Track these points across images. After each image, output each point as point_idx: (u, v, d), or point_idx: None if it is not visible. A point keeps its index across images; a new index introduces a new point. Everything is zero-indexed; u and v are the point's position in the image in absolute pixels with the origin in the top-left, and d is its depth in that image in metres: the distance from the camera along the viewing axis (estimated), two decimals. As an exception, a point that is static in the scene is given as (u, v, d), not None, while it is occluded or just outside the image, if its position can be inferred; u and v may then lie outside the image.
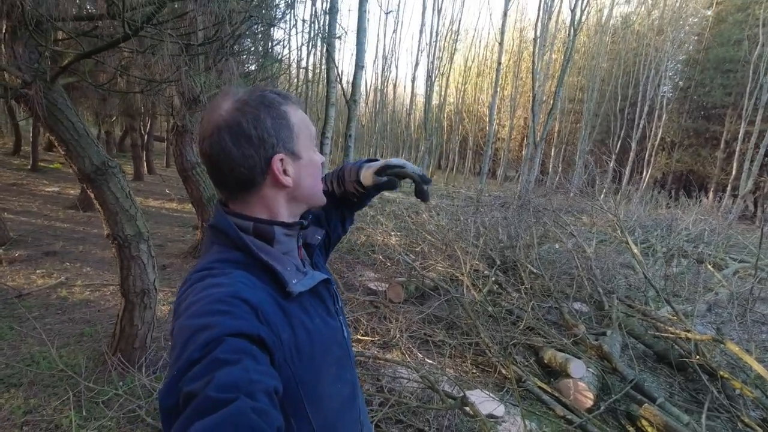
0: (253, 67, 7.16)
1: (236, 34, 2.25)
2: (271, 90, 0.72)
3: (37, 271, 4.32)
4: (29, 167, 10.42)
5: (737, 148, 17.22)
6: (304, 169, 0.73)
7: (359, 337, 3.57)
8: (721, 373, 3.15)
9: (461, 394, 2.25)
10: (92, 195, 2.42)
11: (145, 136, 12.93)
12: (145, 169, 12.39)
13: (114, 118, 11.95)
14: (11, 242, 5.00)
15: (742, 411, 2.91)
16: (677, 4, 20.56)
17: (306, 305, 0.71)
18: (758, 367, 2.62)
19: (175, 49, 1.98)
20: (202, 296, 0.57)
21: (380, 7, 26.93)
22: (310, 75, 16.26)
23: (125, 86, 3.10)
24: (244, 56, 6.69)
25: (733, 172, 17.32)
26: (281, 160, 0.70)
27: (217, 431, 0.43)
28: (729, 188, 17.28)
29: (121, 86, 3.04)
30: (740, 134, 17.08)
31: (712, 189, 19.37)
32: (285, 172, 0.70)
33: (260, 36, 5.93)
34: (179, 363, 0.50)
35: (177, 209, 8.49)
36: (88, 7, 2.88)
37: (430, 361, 3.32)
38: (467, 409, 2.23)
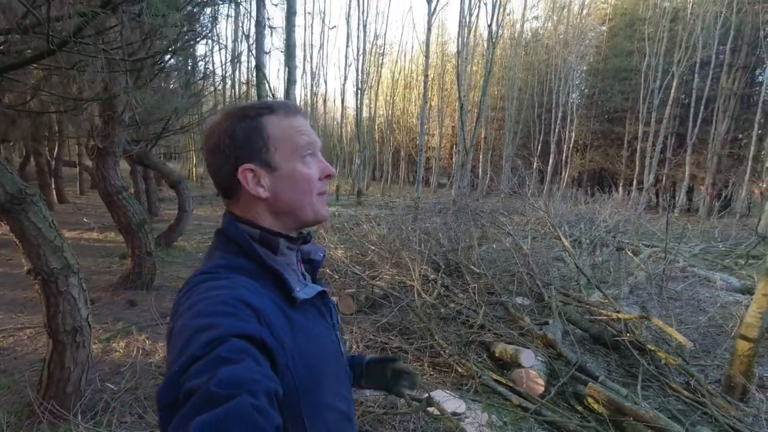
0: (175, 86, 6.84)
1: (172, 50, 2.14)
2: (263, 102, 0.74)
3: (-68, 322, 3.74)
4: None
5: (638, 147, 19.33)
6: (283, 182, 0.71)
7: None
8: (649, 346, 3.49)
9: (426, 395, 2.28)
10: (9, 227, 2.17)
11: (53, 162, 11.74)
12: (55, 197, 11.23)
13: (12, 143, 10.76)
14: None
15: (669, 378, 3.25)
16: (578, 20, 22.80)
17: (308, 315, 0.71)
18: (678, 336, 2.94)
19: (107, 65, 1.84)
20: (205, 297, 0.57)
21: (323, 21, 26.92)
22: (238, 91, 15.81)
23: (38, 107, 2.81)
24: (171, 73, 6.37)
25: (637, 168, 19.39)
26: (251, 170, 0.69)
27: (218, 426, 0.43)
28: (635, 182, 19.30)
29: (32, 107, 2.75)
30: (639, 134, 19.21)
31: (621, 184, 21.51)
32: (258, 183, 0.70)
33: (183, 49, 5.68)
34: (181, 360, 0.50)
35: (98, 239, 7.79)
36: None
37: (389, 369, 3.33)
38: (432, 409, 2.27)
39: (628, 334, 3.67)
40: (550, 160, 22.18)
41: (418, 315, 3.79)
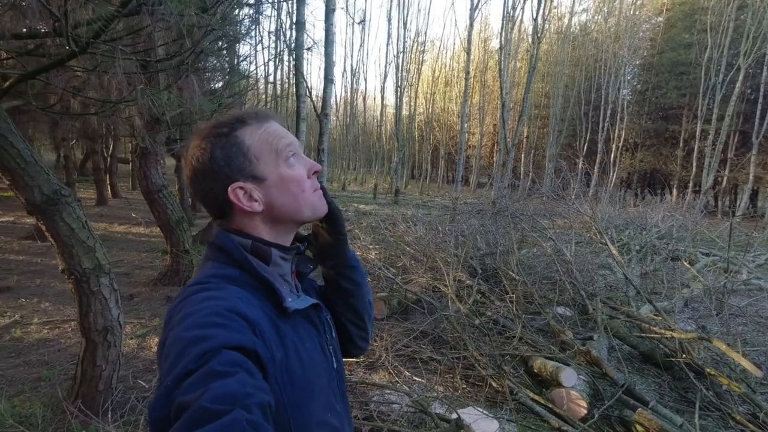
0: (218, 85, 6.99)
1: (197, 50, 2.11)
2: (231, 115, 0.72)
3: (-11, 311, 3.98)
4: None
5: (695, 146, 18.00)
6: (274, 189, 0.70)
7: (343, 359, 3.41)
8: (708, 370, 3.15)
9: (455, 416, 2.13)
10: (44, 227, 2.21)
11: (108, 159, 12.42)
12: (110, 192, 11.89)
13: (74, 141, 11.46)
14: (-41, 280, 4.61)
15: (732, 408, 2.91)
16: (631, 12, 21.53)
17: (298, 328, 0.70)
18: (746, 363, 2.62)
19: (131, 67, 1.83)
20: (199, 308, 0.57)
21: (351, 17, 27.02)
22: (279, 90, 16.09)
23: (79, 108, 2.90)
24: (209, 74, 6.51)
25: (693, 169, 18.07)
26: (240, 187, 0.68)
27: None
28: (691, 184, 18.00)
29: (75, 108, 2.84)
30: (697, 133, 17.88)
31: (675, 186, 20.14)
32: (251, 198, 0.69)
33: (225, 52, 5.78)
34: (174, 373, 0.49)
35: (145, 233, 8.12)
36: (38, 26, 2.68)
37: (419, 380, 3.20)
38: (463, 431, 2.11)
39: (683, 355, 3.33)
40: (597, 160, 21.11)
41: (452, 324, 3.62)
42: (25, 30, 1.99)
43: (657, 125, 21.63)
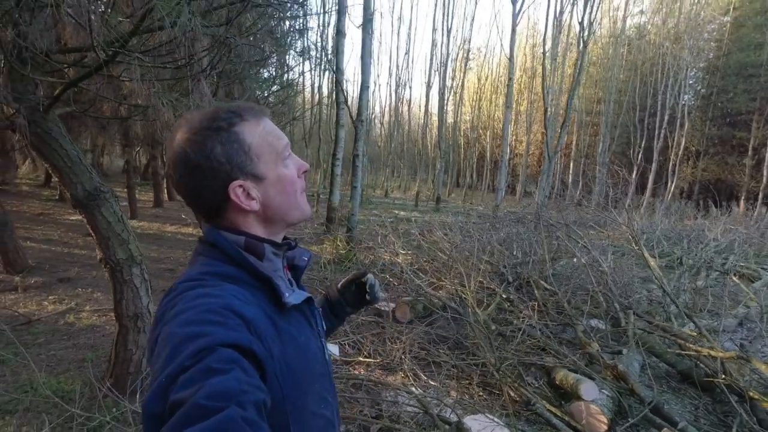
0: (267, 95, 7.35)
1: (220, 57, 2.29)
2: (225, 108, 0.69)
3: (49, 297, 4.42)
4: (57, 197, 10.86)
5: (767, 155, 16.52)
6: (271, 188, 0.70)
7: (361, 359, 3.47)
8: (751, 393, 2.90)
9: (456, 420, 2.12)
10: (85, 220, 2.46)
11: (166, 165, 13.35)
12: (166, 196, 12.74)
13: (138, 149, 12.43)
14: (29, 270, 5.14)
15: (774, 435, 2.66)
16: (693, 13, 20.25)
17: (294, 321, 0.70)
18: (787, 387, 2.39)
19: (153, 75, 2.02)
20: (194, 305, 0.56)
21: (351, 21, 27.45)
22: (324, 97, 16.60)
23: (125, 113, 3.22)
24: (258, 82, 6.86)
25: (764, 180, 16.58)
26: (240, 186, 0.67)
27: None
28: (761, 196, 16.52)
29: (121, 113, 3.16)
30: (769, 140, 16.43)
31: (742, 198, 18.55)
32: (249, 196, 0.68)
33: (265, 62, 6.09)
34: (168, 370, 0.49)
35: (193, 234, 8.64)
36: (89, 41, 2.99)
37: (435, 384, 3.19)
38: (464, 435, 2.10)
39: (724, 376, 3.09)
40: (653, 169, 19.88)
41: (472, 328, 3.58)
42: (74, 45, 2.25)
43: (722, 132, 20.12)
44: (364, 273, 1.04)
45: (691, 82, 21.47)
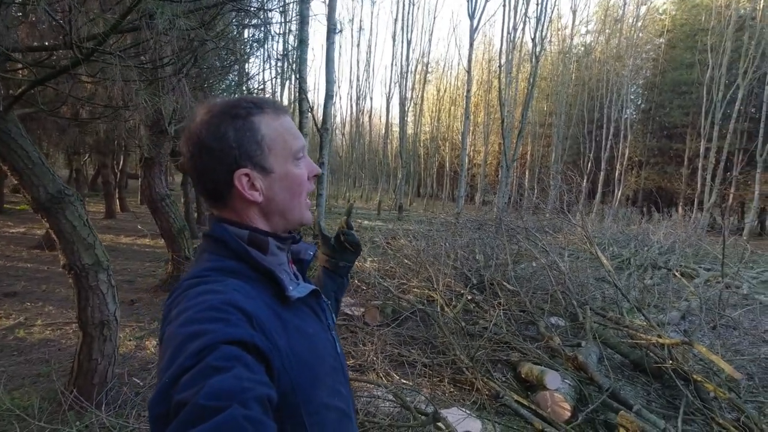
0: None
1: (193, 59, 2.29)
2: (248, 98, 0.70)
3: (-5, 313, 4.12)
4: (-6, 210, 10.11)
5: (699, 164, 18.00)
6: (277, 184, 0.70)
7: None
8: (695, 376, 3.17)
9: (433, 410, 2.20)
10: (48, 224, 2.36)
11: (118, 174, 12.75)
12: (118, 206, 12.15)
13: (86, 157, 11.80)
14: (-32, 285, 4.77)
15: (716, 413, 2.92)
16: (632, 33, 21.88)
17: (300, 315, 0.70)
18: (724, 365, 2.66)
19: (131, 75, 2.00)
20: (196, 303, 0.56)
21: (335, 27, 27.74)
22: (285, 105, 16.46)
23: (87, 116, 3.10)
24: (216, 90, 6.76)
25: (698, 187, 18.03)
26: (246, 174, 0.67)
27: None
28: (696, 202, 17.94)
29: (82, 116, 3.03)
30: (701, 151, 17.91)
31: (680, 204, 20.06)
32: (253, 186, 0.68)
33: (230, 68, 6.04)
34: (171, 370, 0.49)
35: (149, 245, 8.30)
36: (49, 40, 2.89)
37: (407, 382, 3.25)
38: (440, 425, 2.18)
39: (671, 362, 3.36)
40: (601, 178, 21.14)
41: (440, 327, 3.68)
42: (36, 43, 2.18)
43: (661, 143, 21.71)
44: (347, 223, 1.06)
45: (632, 97, 23.11)
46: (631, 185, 21.94)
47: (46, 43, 2.17)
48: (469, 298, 4.78)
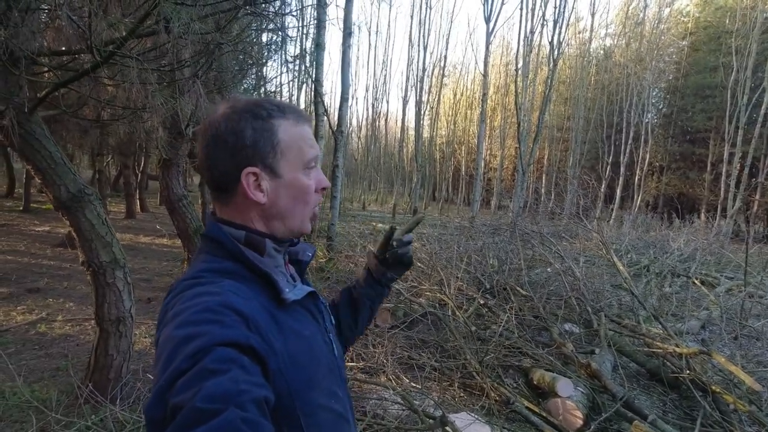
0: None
1: (210, 62, 2.34)
2: (272, 101, 0.71)
3: (18, 308, 4.26)
4: (21, 208, 10.45)
5: (723, 170, 17.52)
6: (283, 189, 0.70)
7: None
8: (713, 387, 3.08)
9: (441, 414, 2.19)
10: (68, 222, 2.44)
11: (139, 175, 13.06)
12: (138, 207, 12.43)
13: (109, 158, 12.13)
14: (-5, 280, 4.95)
15: (735, 426, 2.83)
16: (654, 36, 21.47)
17: (297, 317, 0.70)
18: (743, 376, 2.58)
19: (150, 78, 2.05)
20: (191, 305, 0.56)
21: (339, 29, 27.95)
22: (302, 108, 16.65)
23: (109, 119, 3.20)
24: (233, 94, 6.88)
25: (722, 194, 17.54)
26: (254, 173, 0.68)
27: None
28: (719, 209, 17.44)
29: (104, 118, 3.13)
30: (725, 156, 17.43)
31: (703, 210, 19.53)
32: (258, 187, 0.68)
33: (247, 72, 6.14)
34: (167, 373, 0.49)
35: (167, 244, 8.47)
36: (75, 45, 2.99)
37: (416, 386, 3.24)
38: (448, 429, 2.16)
39: (688, 372, 3.27)
40: (620, 183, 20.74)
41: (452, 331, 3.66)
42: (63, 48, 2.26)
43: (683, 148, 21.22)
44: (390, 233, 0.98)
45: (653, 101, 22.65)
46: (652, 191, 21.47)
47: (70, 48, 2.25)
48: (482, 302, 4.74)
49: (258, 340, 0.56)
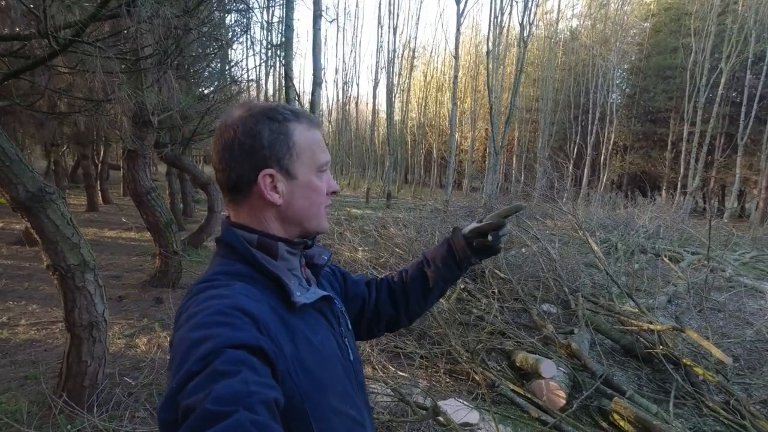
0: (207, 90, 7.06)
1: (178, 50, 2.18)
2: (286, 106, 0.73)
3: (-24, 313, 3.99)
4: (-30, 204, 9.76)
5: (683, 148, 18.28)
6: (298, 190, 0.72)
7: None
8: (684, 360, 3.23)
9: (432, 404, 2.19)
10: (29, 224, 2.26)
11: (99, 165, 12.41)
12: (100, 198, 11.86)
13: (64, 148, 11.44)
14: (-54, 284, 4.61)
15: (705, 396, 3.00)
16: (618, 17, 21.90)
17: (309, 320, 0.70)
18: (715, 350, 2.70)
19: (113, 66, 1.89)
20: (203, 308, 0.57)
21: (326, 18, 27.25)
22: (270, 94, 16.17)
23: (66, 109, 2.96)
24: (197, 78, 6.57)
25: (681, 171, 18.34)
26: (270, 175, 0.69)
27: None
28: (679, 186, 18.26)
29: (61, 109, 2.89)
30: (684, 135, 18.17)
31: (664, 188, 20.41)
32: (275, 188, 0.70)
33: (214, 56, 5.86)
34: (179, 375, 0.49)
35: (135, 238, 8.12)
36: (24, 29, 2.73)
37: (403, 374, 3.26)
38: (440, 419, 2.17)
39: (661, 347, 3.42)
40: (587, 163, 21.35)
41: (434, 317, 3.68)
42: (7, 31, 2.05)
43: (646, 128, 21.95)
44: (502, 225, 0.95)
45: (617, 82, 23.22)
46: (616, 170, 22.22)
47: (20, 33, 2.04)
48: (462, 287, 4.79)
49: (268, 342, 0.57)
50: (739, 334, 4.25)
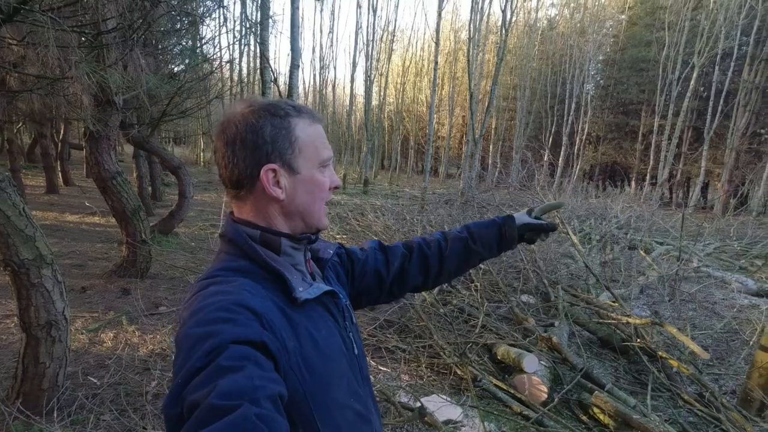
0: (177, 68, 6.67)
1: (146, 22, 1.96)
2: (288, 102, 0.73)
3: None
4: None
5: (653, 141, 18.81)
6: (301, 185, 0.71)
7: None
8: (660, 353, 3.29)
9: (418, 405, 2.13)
10: (-26, 215, 2.03)
11: (59, 144, 11.70)
12: (61, 180, 11.22)
13: (20, 125, 10.71)
14: None
15: (681, 388, 3.06)
16: (596, 9, 22.12)
17: (312, 315, 0.70)
18: (695, 347, 2.75)
19: (70, 40, 1.67)
20: (206, 304, 0.58)
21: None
22: (245, 75, 15.58)
23: (16, 85, 2.67)
24: (167, 55, 6.19)
25: (651, 162, 18.90)
26: (273, 170, 0.69)
27: None
28: (648, 177, 18.84)
29: (11, 85, 2.61)
30: (655, 127, 18.68)
31: (633, 178, 21.03)
32: (277, 183, 0.70)
33: (184, 32, 5.51)
34: (183, 371, 0.50)
35: (100, 223, 7.72)
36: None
37: (385, 369, 3.19)
38: (426, 419, 2.11)
39: (638, 340, 3.47)
40: (562, 152, 21.73)
41: (417, 311, 3.63)
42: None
43: (618, 119, 22.46)
44: (554, 228, 1.08)
45: (593, 73, 23.60)
46: (589, 160, 22.72)
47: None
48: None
49: (271, 337, 0.57)
50: (708, 325, 4.39)
